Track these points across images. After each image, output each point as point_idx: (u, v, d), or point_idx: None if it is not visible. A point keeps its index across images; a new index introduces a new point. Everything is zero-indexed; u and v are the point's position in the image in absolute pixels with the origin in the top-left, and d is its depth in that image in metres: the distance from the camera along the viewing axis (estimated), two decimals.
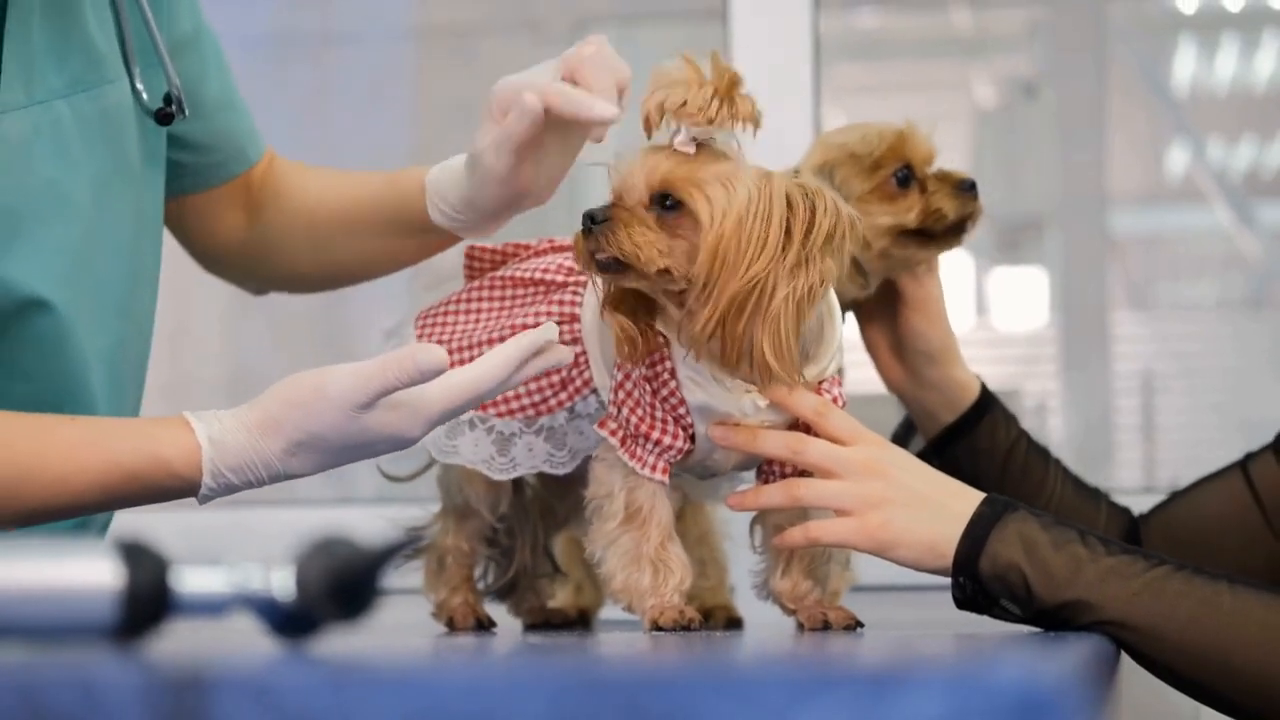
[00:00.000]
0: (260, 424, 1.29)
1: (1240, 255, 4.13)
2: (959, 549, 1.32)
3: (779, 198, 1.28)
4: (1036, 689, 0.65)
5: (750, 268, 1.27)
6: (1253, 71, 4.39)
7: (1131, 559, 1.31)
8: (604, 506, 1.38)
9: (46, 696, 0.69)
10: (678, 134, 1.29)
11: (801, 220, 1.28)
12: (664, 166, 1.30)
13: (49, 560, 0.83)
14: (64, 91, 1.38)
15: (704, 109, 1.26)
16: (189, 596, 0.85)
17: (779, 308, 1.27)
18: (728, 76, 1.28)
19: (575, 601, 1.68)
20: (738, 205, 1.28)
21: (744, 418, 1.35)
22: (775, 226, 1.27)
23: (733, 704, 0.65)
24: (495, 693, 0.66)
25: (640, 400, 1.36)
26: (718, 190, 1.28)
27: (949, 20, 4.20)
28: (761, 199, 1.28)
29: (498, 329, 1.44)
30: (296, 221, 1.62)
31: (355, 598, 0.87)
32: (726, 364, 1.31)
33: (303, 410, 1.28)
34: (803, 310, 1.29)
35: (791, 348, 1.28)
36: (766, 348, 1.28)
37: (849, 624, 1.38)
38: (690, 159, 1.30)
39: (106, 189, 1.42)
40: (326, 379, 1.28)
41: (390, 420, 1.29)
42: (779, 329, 1.28)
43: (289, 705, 0.67)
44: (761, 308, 1.27)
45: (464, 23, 3.81)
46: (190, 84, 1.52)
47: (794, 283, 1.27)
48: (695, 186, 1.29)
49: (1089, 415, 3.60)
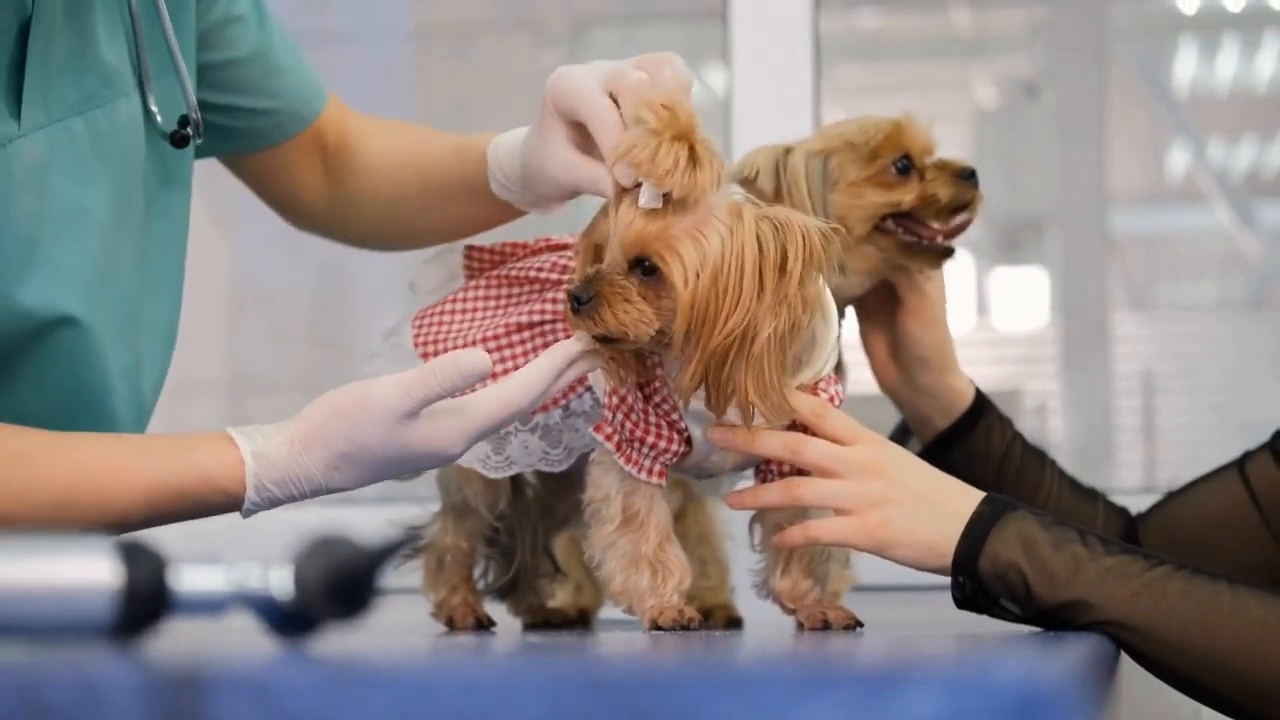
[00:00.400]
0: (304, 437, 1.29)
1: (1240, 256, 4.13)
2: (958, 548, 1.32)
3: (750, 244, 1.27)
4: (1036, 688, 0.65)
5: (728, 321, 1.26)
6: (1253, 72, 4.39)
7: (1131, 559, 1.31)
8: (601, 510, 1.38)
9: (45, 695, 0.68)
10: (643, 195, 1.27)
11: (773, 264, 1.27)
12: (636, 226, 1.28)
13: (48, 559, 0.83)
14: (79, 108, 1.37)
15: (641, 164, 1.25)
16: (187, 595, 0.85)
17: (761, 349, 1.27)
18: (684, 122, 1.25)
19: (575, 601, 1.68)
20: (711, 260, 1.26)
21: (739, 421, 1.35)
22: (749, 276, 1.26)
23: (732, 704, 0.65)
24: (494, 693, 0.66)
25: (633, 406, 1.36)
26: (689, 247, 1.27)
27: (949, 21, 4.20)
28: (733, 249, 1.26)
29: (492, 327, 1.44)
30: (375, 181, 1.62)
31: (354, 597, 0.87)
32: (717, 408, 1.30)
33: (346, 421, 1.28)
34: (785, 346, 1.28)
35: (775, 381, 1.28)
36: (750, 388, 1.27)
37: (849, 624, 1.38)
38: (660, 214, 1.28)
39: (123, 204, 1.41)
40: (370, 390, 1.29)
41: (433, 433, 1.29)
42: (762, 369, 1.27)
43: (287, 705, 0.67)
44: (744, 352, 1.27)
45: (463, 22, 3.81)
46: (238, 53, 1.52)
47: (775, 323, 1.27)
48: (667, 248, 1.27)
49: (1089, 415, 3.60)
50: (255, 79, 1.57)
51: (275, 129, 1.60)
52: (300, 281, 3.29)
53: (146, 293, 1.45)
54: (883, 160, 1.55)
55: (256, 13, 1.56)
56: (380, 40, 3.59)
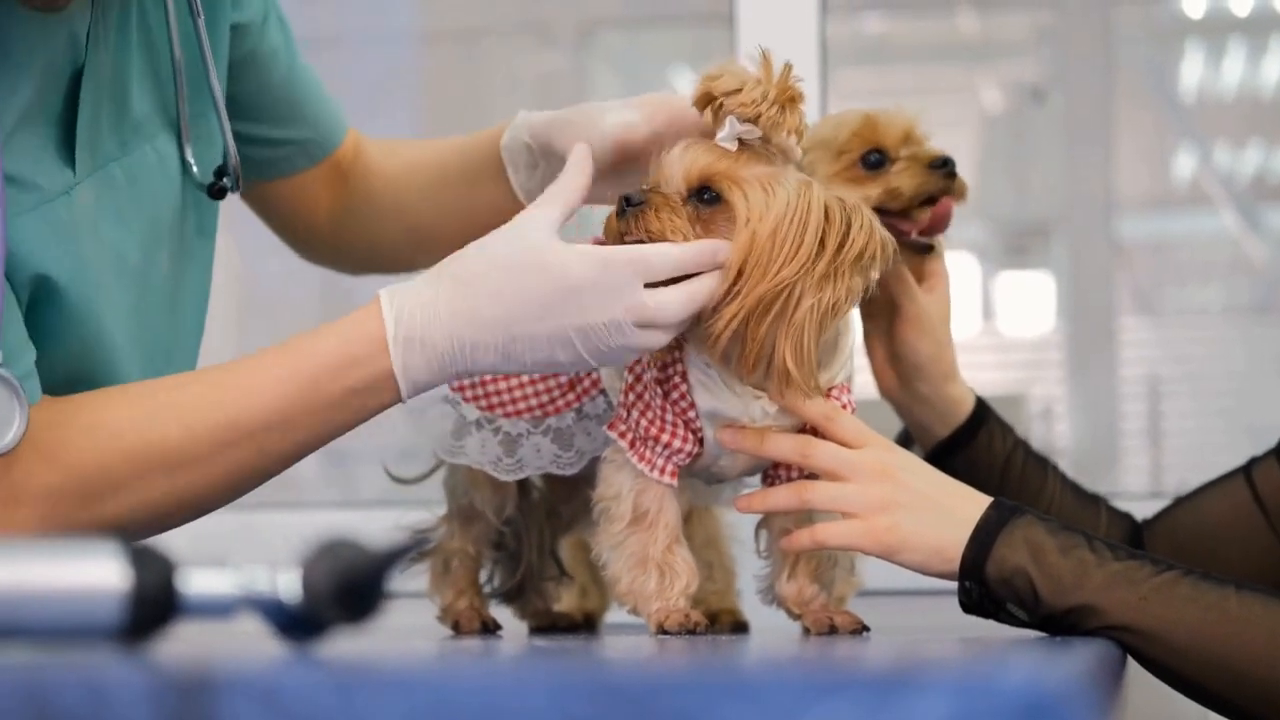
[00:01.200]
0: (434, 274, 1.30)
1: (1247, 260, 4.13)
2: (966, 553, 1.32)
3: (817, 208, 1.28)
4: (1042, 692, 0.65)
5: (780, 271, 1.26)
6: (1260, 76, 4.39)
7: (1139, 564, 1.31)
8: (611, 508, 1.37)
9: (53, 697, 0.69)
10: (723, 129, 1.29)
11: (837, 233, 1.28)
12: (704, 160, 1.30)
13: (56, 561, 0.83)
14: (117, 154, 1.37)
15: (755, 103, 1.27)
16: (195, 598, 0.85)
17: (803, 317, 1.27)
18: (789, 90, 1.28)
19: (581, 605, 1.68)
20: (776, 208, 1.28)
21: (753, 423, 1.35)
22: (810, 235, 1.27)
23: (739, 707, 0.65)
24: (500, 694, 0.66)
25: (650, 403, 1.35)
26: (757, 190, 1.28)
27: (956, 25, 4.20)
28: (800, 206, 1.28)
29: None
30: (388, 190, 1.62)
31: (361, 600, 0.87)
32: (744, 366, 1.30)
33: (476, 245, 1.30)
34: (825, 323, 1.28)
35: (811, 357, 1.28)
36: (788, 355, 1.27)
37: (855, 628, 1.38)
38: (733, 156, 1.30)
39: (154, 249, 1.41)
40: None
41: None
42: (801, 338, 1.27)
43: (295, 707, 0.67)
44: (786, 314, 1.27)
45: (469, 26, 3.81)
46: (266, 84, 1.52)
47: (820, 295, 1.27)
48: (735, 183, 1.29)
49: (1095, 420, 3.60)
50: (282, 108, 1.57)
51: (297, 157, 1.60)
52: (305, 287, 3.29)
53: (176, 336, 1.46)
54: (850, 155, 1.53)
55: (285, 44, 1.56)
56: (387, 43, 3.59)
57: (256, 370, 1.30)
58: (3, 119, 1.27)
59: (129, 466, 1.27)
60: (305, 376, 1.29)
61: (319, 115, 1.60)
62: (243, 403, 1.29)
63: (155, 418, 1.28)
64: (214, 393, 1.29)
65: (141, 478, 1.27)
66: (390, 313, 1.28)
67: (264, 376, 1.29)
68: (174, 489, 1.28)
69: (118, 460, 1.27)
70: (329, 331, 1.30)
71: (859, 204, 1.30)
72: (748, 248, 1.27)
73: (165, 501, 1.29)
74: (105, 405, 1.29)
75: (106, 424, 1.28)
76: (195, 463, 1.28)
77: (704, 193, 1.30)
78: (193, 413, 1.28)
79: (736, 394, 1.34)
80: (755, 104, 1.26)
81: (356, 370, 1.29)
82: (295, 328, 1.32)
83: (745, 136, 1.29)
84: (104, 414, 1.28)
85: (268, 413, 1.29)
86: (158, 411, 1.28)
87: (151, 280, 1.41)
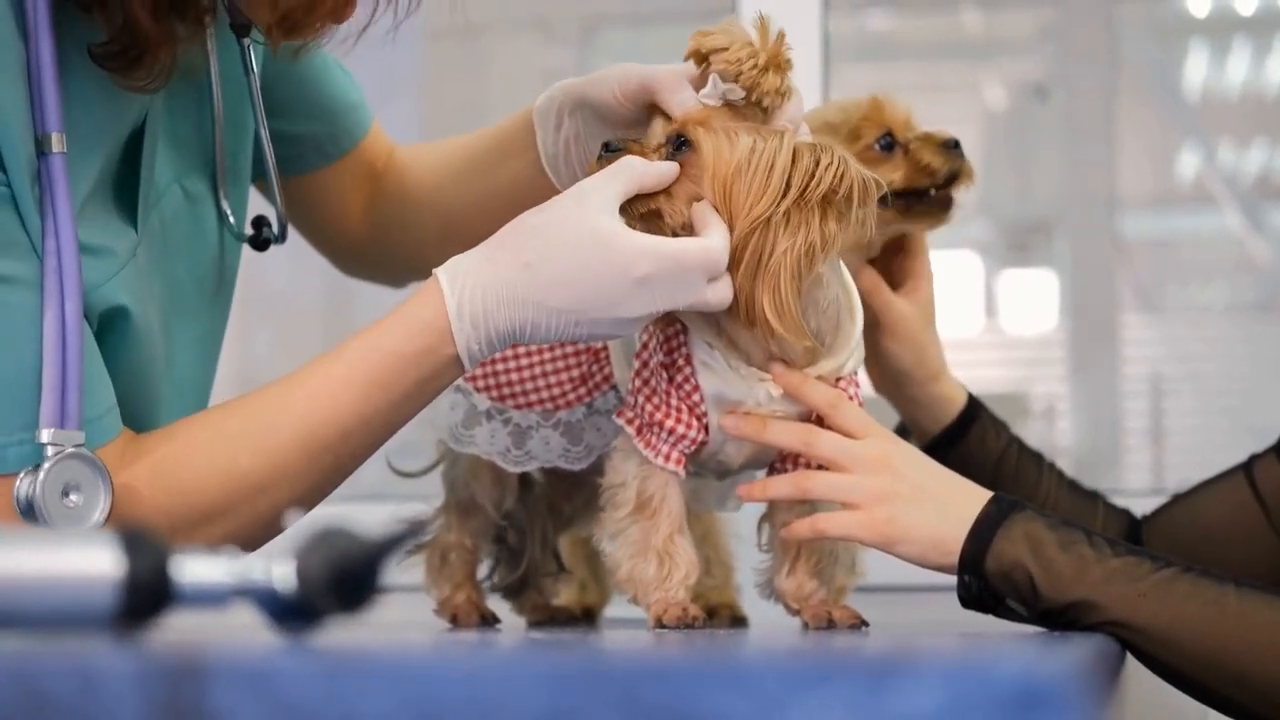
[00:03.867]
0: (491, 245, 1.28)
1: (1250, 259, 4.11)
2: (965, 547, 1.31)
3: (785, 150, 1.28)
4: (1037, 683, 0.64)
5: (752, 210, 1.27)
6: (1264, 75, 4.38)
7: (1138, 560, 1.31)
8: (616, 495, 1.37)
9: (44, 684, 0.68)
10: (707, 86, 1.30)
11: (803, 172, 1.28)
12: (683, 113, 1.31)
13: (49, 549, 0.83)
14: (154, 204, 1.38)
15: (739, 62, 1.27)
16: (190, 586, 0.85)
17: (779, 262, 1.27)
18: (778, 56, 1.28)
19: (580, 600, 1.68)
20: (740, 150, 1.28)
21: (757, 407, 1.35)
22: (777, 175, 1.28)
23: (731, 694, 0.64)
24: (493, 681, 0.66)
25: (656, 388, 1.35)
26: (724, 135, 1.29)
27: (959, 22, 4.19)
28: (767, 149, 1.28)
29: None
30: (419, 190, 1.59)
31: (356, 590, 0.87)
32: (744, 321, 1.30)
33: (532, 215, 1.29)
34: (803, 269, 1.28)
35: (792, 308, 1.28)
36: (767, 305, 1.27)
37: (854, 623, 1.38)
38: (712, 110, 1.30)
39: (177, 298, 1.41)
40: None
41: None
42: (778, 285, 1.27)
43: (286, 694, 0.67)
44: (763, 261, 1.27)
45: (472, 22, 3.81)
46: (280, 73, 1.50)
47: (794, 238, 1.27)
48: (706, 128, 1.30)
49: (1097, 418, 3.59)
50: (296, 102, 1.54)
51: (311, 154, 1.57)
52: (309, 286, 3.28)
53: (201, 377, 1.45)
54: (865, 139, 1.54)
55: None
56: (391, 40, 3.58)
57: (327, 382, 1.28)
58: (77, 189, 1.26)
59: (210, 500, 1.26)
60: (377, 380, 1.27)
61: (336, 108, 1.57)
62: (319, 417, 1.27)
63: (234, 446, 1.27)
64: (286, 414, 1.27)
65: (227, 511, 1.27)
66: (452, 300, 1.26)
67: (335, 386, 1.27)
68: (258, 514, 1.27)
69: (201, 498, 1.26)
70: (393, 326, 1.28)
71: (832, 145, 1.30)
72: (713, 181, 1.28)
73: (255, 526, 1.28)
74: (182, 442, 1.28)
75: (186, 462, 1.27)
76: (276, 486, 1.27)
77: (679, 141, 1.30)
78: (270, 437, 1.27)
79: (741, 376, 1.34)
80: (738, 63, 1.27)
81: (426, 361, 1.28)
82: (298, 328, 1.32)
83: (729, 96, 1.30)
84: (181, 453, 1.27)
85: (345, 422, 1.27)
86: (234, 440, 1.27)
87: (181, 325, 1.40)
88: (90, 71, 1.27)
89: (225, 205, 1.44)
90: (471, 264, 1.27)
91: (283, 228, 1.48)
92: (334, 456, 1.28)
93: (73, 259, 1.23)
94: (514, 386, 1.45)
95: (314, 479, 1.28)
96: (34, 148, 1.23)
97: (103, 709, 0.68)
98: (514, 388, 1.45)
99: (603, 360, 1.43)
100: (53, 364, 1.21)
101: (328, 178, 1.59)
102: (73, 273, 1.23)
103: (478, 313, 1.26)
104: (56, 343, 1.21)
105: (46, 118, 1.23)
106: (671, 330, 1.35)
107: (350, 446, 1.28)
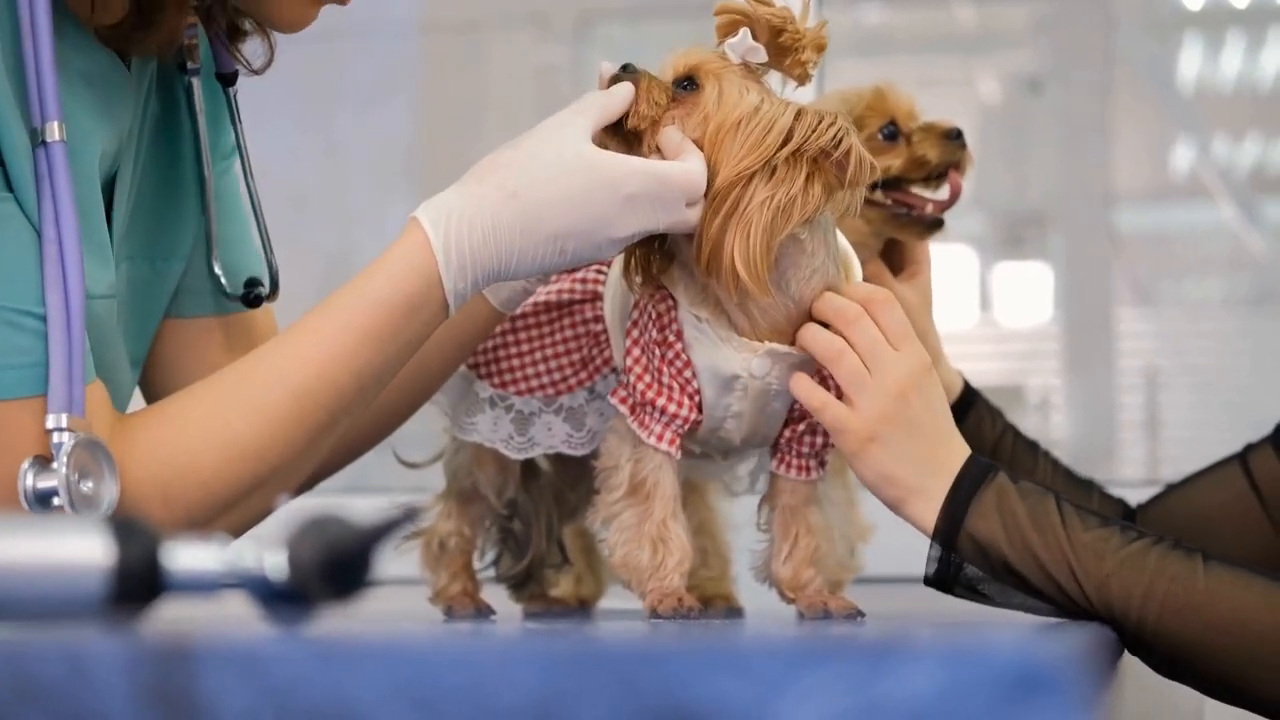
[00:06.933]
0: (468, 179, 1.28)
1: (1245, 252, 4.11)
2: (939, 521, 1.30)
3: (788, 113, 1.29)
4: (1034, 664, 0.64)
5: (743, 161, 1.27)
6: (1259, 68, 4.38)
7: (1107, 533, 1.30)
8: (610, 477, 1.37)
9: (33, 669, 0.68)
10: (734, 37, 1.31)
11: (804, 131, 1.28)
12: (699, 57, 1.32)
13: (39, 536, 0.83)
14: (141, 253, 1.39)
15: (786, 19, 1.29)
16: (181, 574, 0.84)
17: (754, 212, 1.27)
18: (820, 36, 1.30)
19: (576, 591, 1.67)
20: (748, 104, 1.29)
21: (751, 379, 1.34)
22: (775, 133, 1.28)
23: (726, 677, 0.64)
24: (485, 665, 0.65)
25: (649, 366, 1.35)
26: (735, 87, 1.30)
27: (953, 16, 4.19)
28: (773, 111, 1.29)
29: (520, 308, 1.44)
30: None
31: (349, 577, 0.86)
32: (699, 263, 1.29)
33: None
34: (777, 224, 1.27)
35: (760, 260, 1.27)
36: (735, 251, 1.27)
37: (850, 613, 1.37)
38: (728, 63, 1.31)
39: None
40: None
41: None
42: (749, 232, 1.27)
43: (277, 678, 0.66)
44: (739, 210, 1.27)
45: (468, 17, 3.80)
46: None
47: (774, 191, 1.27)
48: (715, 75, 1.31)
49: (1093, 412, 3.59)
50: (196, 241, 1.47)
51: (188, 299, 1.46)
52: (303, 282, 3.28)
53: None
54: (869, 128, 1.55)
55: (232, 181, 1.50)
56: (386, 35, 3.58)
57: (316, 337, 1.26)
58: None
59: (211, 468, 1.25)
60: (370, 331, 1.26)
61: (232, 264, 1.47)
62: (311, 371, 1.25)
63: (228, 413, 1.25)
64: (276, 372, 1.26)
65: (227, 480, 1.25)
66: (438, 240, 1.25)
67: (325, 340, 1.26)
68: (257, 479, 1.26)
69: (200, 469, 1.25)
70: (378, 274, 1.26)
71: (842, 118, 1.30)
72: (709, 125, 1.29)
73: (251, 491, 1.26)
74: (174, 414, 1.27)
75: (181, 432, 1.26)
76: (271, 449, 1.25)
77: (687, 81, 1.31)
78: (263, 397, 1.25)
79: (734, 348, 1.33)
80: (785, 20, 1.29)
81: (416, 307, 1.26)
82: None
83: (750, 57, 1.31)
84: (174, 426, 1.26)
85: (338, 376, 1.26)
86: (229, 406, 1.26)
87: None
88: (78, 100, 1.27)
89: (217, 268, 1.43)
90: (453, 199, 1.27)
91: (275, 285, 1.46)
92: (327, 413, 1.26)
93: (74, 246, 1.21)
94: (515, 373, 1.45)
95: (308, 437, 1.26)
96: (30, 138, 1.22)
97: (93, 694, 0.67)
98: (515, 374, 1.45)
99: (602, 343, 1.42)
100: (60, 351, 1.20)
101: (196, 326, 1.47)
102: (75, 259, 1.21)
103: (464, 249, 1.25)
104: (62, 327, 1.20)
105: (45, 106, 1.22)
106: (664, 306, 1.35)
107: (345, 399, 1.27)
